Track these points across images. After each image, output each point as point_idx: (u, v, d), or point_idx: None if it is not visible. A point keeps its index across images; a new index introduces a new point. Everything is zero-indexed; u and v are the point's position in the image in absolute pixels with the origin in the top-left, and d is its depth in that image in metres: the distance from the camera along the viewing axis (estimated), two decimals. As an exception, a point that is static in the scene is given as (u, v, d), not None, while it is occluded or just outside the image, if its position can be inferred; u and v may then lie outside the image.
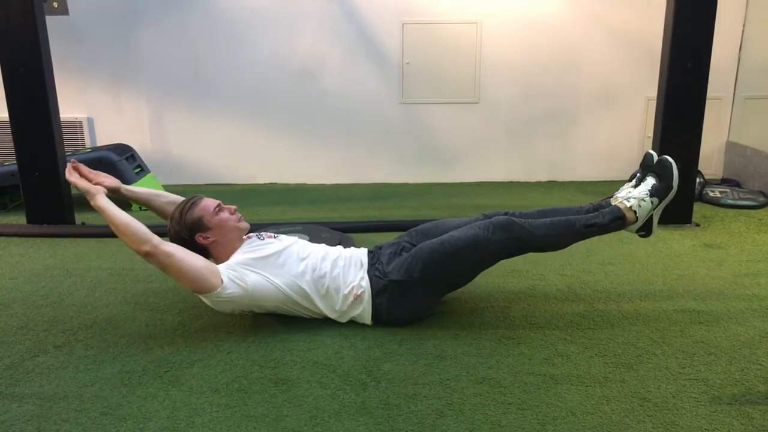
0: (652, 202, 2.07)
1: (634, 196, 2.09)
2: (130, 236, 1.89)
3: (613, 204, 2.13)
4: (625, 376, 1.77)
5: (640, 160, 2.23)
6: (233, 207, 2.14)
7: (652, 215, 2.09)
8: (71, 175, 2.08)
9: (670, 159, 2.11)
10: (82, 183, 2.05)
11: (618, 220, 2.08)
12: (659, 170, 2.12)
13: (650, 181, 2.11)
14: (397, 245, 2.19)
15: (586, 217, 2.10)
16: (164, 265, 1.91)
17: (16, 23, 3.12)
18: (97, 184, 2.07)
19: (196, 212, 2.06)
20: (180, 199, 2.28)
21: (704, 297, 2.34)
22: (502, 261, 2.14)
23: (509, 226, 2.04)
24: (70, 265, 2.81)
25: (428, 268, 2.04)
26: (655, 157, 2.16)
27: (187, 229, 2.04)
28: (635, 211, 2.07)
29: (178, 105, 4.55)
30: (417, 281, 2.04)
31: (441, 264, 2.04)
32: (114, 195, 2.12)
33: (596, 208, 2.15)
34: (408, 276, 2.04)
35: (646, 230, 2.13)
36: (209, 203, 2.09)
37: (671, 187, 2.09)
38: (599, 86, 4.46)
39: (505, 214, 2.20)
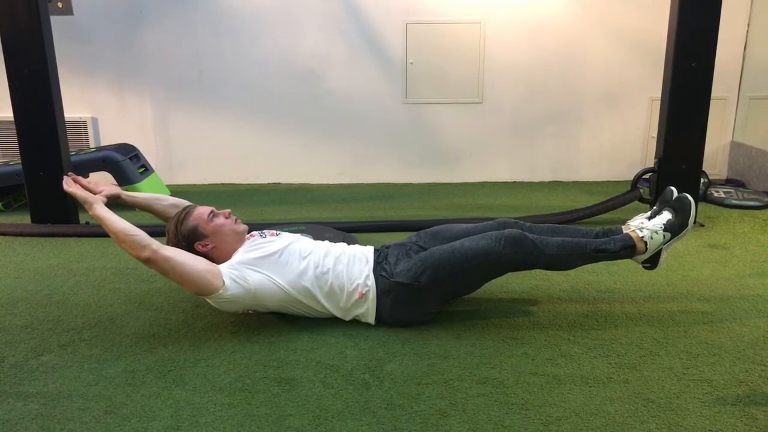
0: (664, 236, 2.07)
1: (648, 227, 2.09)
2: (129, 243, 1.89)
3: (624, 232, 2.13)
4: (629, 377, 1.77)
5: (643, 161, 2.23)
6: (227, 210, 2.15)
7: (661, 249, 2.09)
8: (69, 186, 2.09)
9: (690, 197, 2.11)
10: (80, 192, 2.06)
11: (628, 249, 2.07)
12: (677, 206, 2.11)
13: (666, 216, 2.11)
14: (405, 246, 2.19)
15: (596, 242, 2.09)
16: (165, 269, 1.91)
17: (21, 23, 3.14)
18: (96, 193, 2.08)
19: (191, 222, 2.06)
20: (181, 201, 2.29)
21: (708, 297, 2.34)
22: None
23: (521, 241, 2.03)
24: (75, 264, 2.82)
25: (436, 275, 2.04)
26: (675, 193, 2.17)
27: (184, 240, 2.05)
28: (646, 243, 2.07)
29: (182, 105, 4.56)
30: (423, 286, 2.04)
31: (449, 272, 2.04)
32: (115, 202, 2.13)
33: (606, 233, 2.15)
34: (415, 280, 2.04)
35: (651, 263, 2.13)
36: (203, 211, 2.10)
37: (686, 225, 2.08)
38: (603, 86, 4.45)
39: (516, 222, 2.20)
